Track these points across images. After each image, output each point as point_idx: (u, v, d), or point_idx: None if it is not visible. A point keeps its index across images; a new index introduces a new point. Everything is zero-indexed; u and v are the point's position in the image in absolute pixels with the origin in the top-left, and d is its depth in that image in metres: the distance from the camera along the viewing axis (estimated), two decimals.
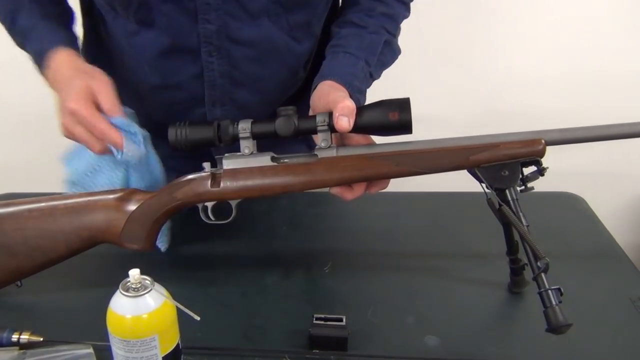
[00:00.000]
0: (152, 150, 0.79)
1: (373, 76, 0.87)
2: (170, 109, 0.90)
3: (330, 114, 0.71)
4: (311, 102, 0.79)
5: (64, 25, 0.86)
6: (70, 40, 0.83)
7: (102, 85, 0.76)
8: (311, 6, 0.86)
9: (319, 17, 0.89)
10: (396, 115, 0.69)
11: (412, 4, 0.93)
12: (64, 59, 0.79)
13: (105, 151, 0.75)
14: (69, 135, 0.76)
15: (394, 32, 0.91)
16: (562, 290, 0.63)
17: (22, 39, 0.84)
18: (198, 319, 0.59)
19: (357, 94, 0.80)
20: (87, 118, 0.73)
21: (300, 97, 0.93)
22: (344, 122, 0.70)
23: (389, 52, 0.89)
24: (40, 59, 0.80)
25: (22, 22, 0.83)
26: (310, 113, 0.78)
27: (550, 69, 1.64)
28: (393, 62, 0.92)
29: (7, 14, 0.84)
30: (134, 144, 0.75)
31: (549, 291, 0.63)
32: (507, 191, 0.70)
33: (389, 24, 0.89)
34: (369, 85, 0.86)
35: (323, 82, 0.80)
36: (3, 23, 0.85)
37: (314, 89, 0.80)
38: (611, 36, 1.61)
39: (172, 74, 0.87)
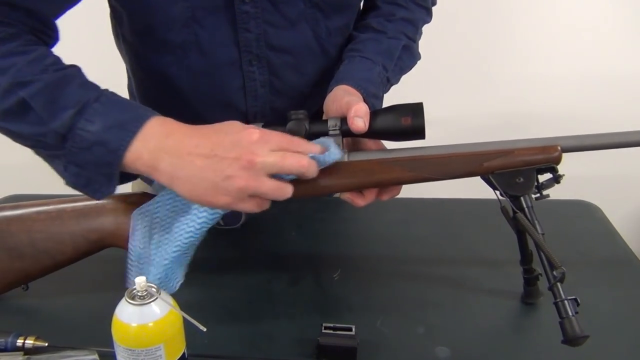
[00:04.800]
0: None
1: (390, 81, 0.86)
2: None
3: (342, 119, 0.70)
4: (324, 106, 0.78)
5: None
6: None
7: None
8: (350, 10, 0.85)
9: (354, 19, 0.88)
10: (409, 121, 0.68)
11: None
12: (172, 127, 0.63)
13: (312, 163, 0.65)
14: (259, 172, 0.61)
15: (414, 37, 0.90)
16: (579, 300, 0.62)
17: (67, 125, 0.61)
18: (204, 329, 0.58)
19: (372, 99, 0.79)
20: (280, 136, 0.63)
21: None
22: (360, 122, 0.68)
23: (407, 57, 0.89)
24: (121, 145, 0.61)
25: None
26: (324, 116, 0.77)
27: (566, 72, 1.63)
28: (412, 67, 0.91)
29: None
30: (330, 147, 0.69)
31: (565, 301, 0.61)
32: (521, 198, 0.68)
33: (409, 29, 0.88)
34: (386, 90, 0.86)
35: (338, 86, 0.79)
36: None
37: (329, 93, 0.79)
38: (629, 40, 1.59)
39: (216, 89, 0.86)
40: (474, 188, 0.78)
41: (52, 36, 0.71)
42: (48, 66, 0.63)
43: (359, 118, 0.68)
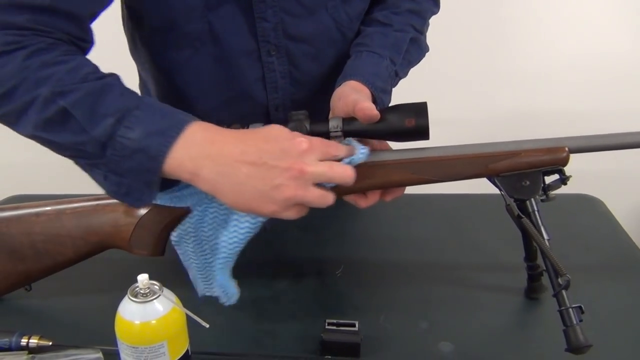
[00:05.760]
0: None
1: (399, 75, 0.85)
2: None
3: (345, 120, 0.69)
4: (331, 103, 0.76)
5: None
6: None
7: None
8: None
9: (369, 2, 0.87)
10: (412, 122, 0.66)
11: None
12: (215, 133, 0.63)
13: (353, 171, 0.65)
14: (307, 181, 0.61)
15: (421, 29, 0.89)
16: (583, 308, 0.61)
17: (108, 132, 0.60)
18: (207, 326, 0.58)
19: (380, 93, 0.78)
20: (322, 143, 0.63)
21: None
22: (371, 108, 0.66)
23: (415, 50, 0.87)
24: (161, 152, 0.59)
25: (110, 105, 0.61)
26: (330, 114, 0.75)
27: (572, 70, 1.62)
28: (420, 59, 0.90)
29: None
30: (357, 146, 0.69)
31: (570, 309, 0.61)
32: (527, 202, 0.67)
33: (416, 20, 0.87)
34: (395, 84, 0.85)
35: (345, 82, 0.78)
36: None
37: (336, 88, 0.78)
38: (636, 34, 1.58)
39: (235, 81, 0.84)
40: (478, 183, 0.77)
41: (88, 40, 0.70)
42: (88, 74, 0.62)
43: (368, 108, 0.66)
